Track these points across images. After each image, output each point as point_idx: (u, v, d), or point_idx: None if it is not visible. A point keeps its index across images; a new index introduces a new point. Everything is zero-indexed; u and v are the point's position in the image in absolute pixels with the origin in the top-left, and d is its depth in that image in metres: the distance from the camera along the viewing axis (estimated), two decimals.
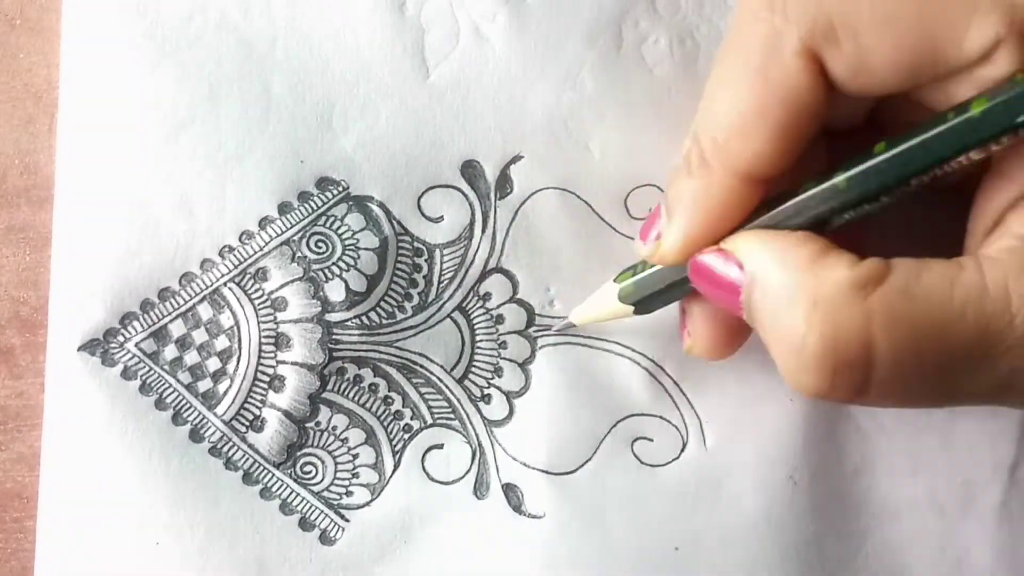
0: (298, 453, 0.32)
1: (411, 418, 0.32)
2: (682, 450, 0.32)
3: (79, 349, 0.31)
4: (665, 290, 0.29)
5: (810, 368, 0.23)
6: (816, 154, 0.27)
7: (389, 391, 0.32)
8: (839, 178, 0.24)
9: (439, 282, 0.33)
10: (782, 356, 0.24)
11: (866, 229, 0.30)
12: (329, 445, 0.32)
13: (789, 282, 0.23)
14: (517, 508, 0.32)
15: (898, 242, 0.30)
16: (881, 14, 0.23)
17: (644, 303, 0.29)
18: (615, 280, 0.30)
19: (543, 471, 0.32)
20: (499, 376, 0.33)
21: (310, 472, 0.32)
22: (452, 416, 0.32)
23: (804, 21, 0.24)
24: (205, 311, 0.32)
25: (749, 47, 0.25)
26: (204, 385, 0.32)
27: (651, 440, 0.32)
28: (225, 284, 0.32)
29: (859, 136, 0.27)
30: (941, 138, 0.23)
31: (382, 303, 0.32)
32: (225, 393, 0.32)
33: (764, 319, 0.24)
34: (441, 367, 0.32)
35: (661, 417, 0.32)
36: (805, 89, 0.24)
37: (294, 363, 0.32)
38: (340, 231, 0.32)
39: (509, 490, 0.32)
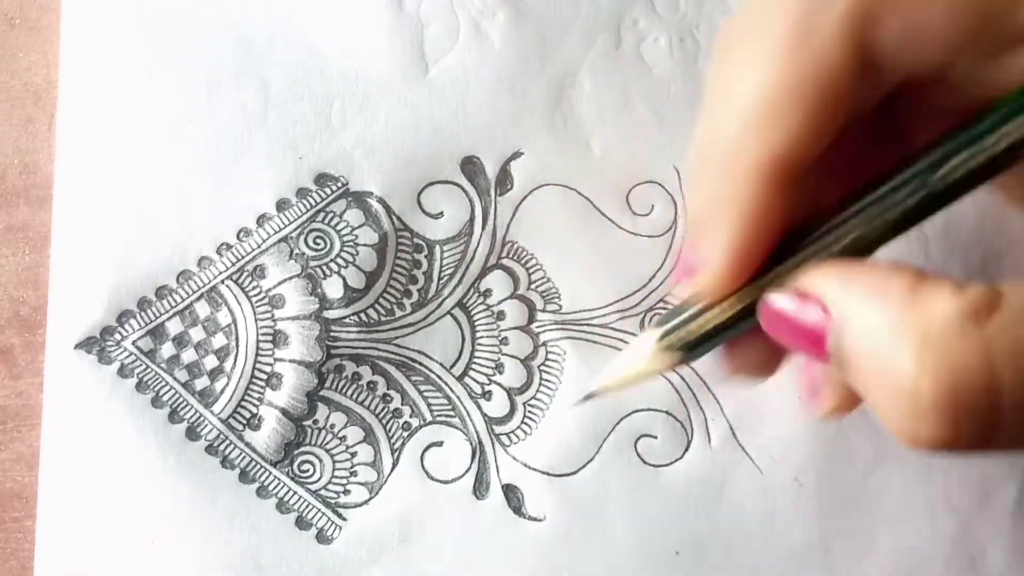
0: (295, 451, 0.31)
1: (410, 416, 0.32)
2: (686, 449, 0.32)
3: (76, 347, 0.31)
4: (718, 330, 0.24)
5: (928, 417, 0.19)
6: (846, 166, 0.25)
7: (388, 389, 0.32)
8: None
9: (439, 278, 0.32)
10: (889, 405, 0.20)
11: None
12: (327, 443, 0.31)
13: (889, 320, 0.20)
14: (517, 510, 0.31)
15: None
16: None
17: (694, 349, 0.24)
18: (652, 328, 0.25)
19: (544, 472, 0.31)
20: (500, 373, 0.32)
21: (307, 470, 0.31)
22: (452, 413, 0.32)
23: None
24: (203, 309, 0.32)
25: (776, 22, 0.22)
26: (201, 383, 0.31)
27: (655, 438, 0.32)
28: (223, 282, 0.32)
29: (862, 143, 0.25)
30: None
31: (381, 300, 0.32)
32: (222, 391, 0.31)
33: (861, 365, 0.21)
34: (440, 364, 0.32)
35: (667, 412, 0.32)
36: (843, 66, 0.21)
37: (292, 360, 0.32)
38: (339, 227, 0.32)
39: (509, 491, 0.31)
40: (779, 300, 0.22)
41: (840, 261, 0.22)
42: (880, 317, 0.20)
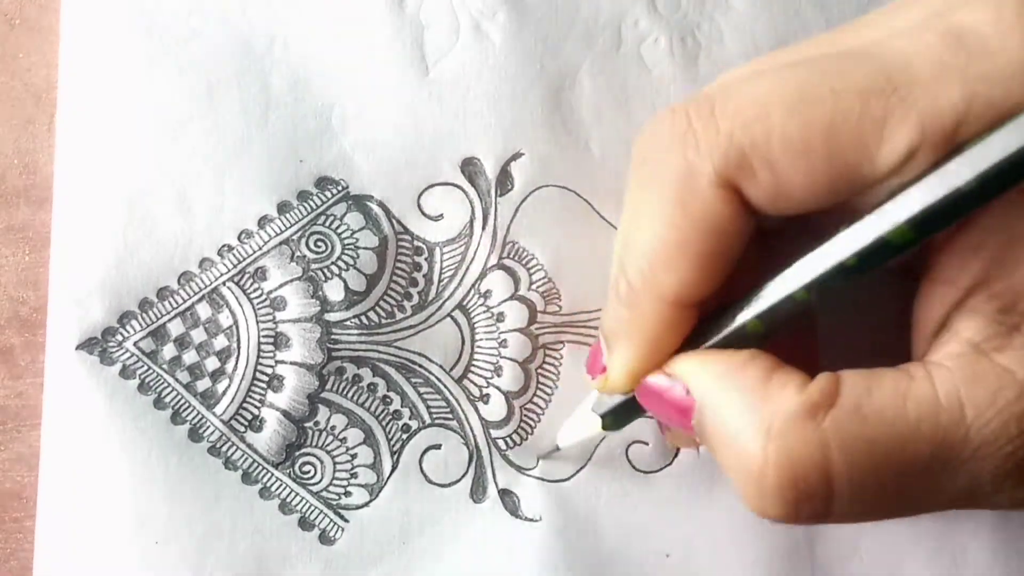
0: (297, 453, 0.32)
1: (409, 418, 0.32)
2: (675, 455, 0.32)
3: (77, 348, 0.31)
4: (628, 409, 0.28)
5: (772, 498, 0.23)
6: (749, 256, 0.27)
7: (388, 391, 0.32)
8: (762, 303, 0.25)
9: (439, 280, 0.33)
10: (741, 483, 0.24)
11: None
12: (328, 445, 0.32)
13: (739, 409, 0.24)
14: (514, 512, 0.32)
15: (855, 319, 0.30)
16: (791, 143, 0.23)
17: (613, 421, 0.29)
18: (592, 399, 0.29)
19: (538, 478, 0.32)
20: (499, 375, 0.32)
21: (309, 472, 0.32)
22: (450, 416, 0.32)
23: (717, 154, 0.23)
24: (204, 310, 0.32)
25: (664, 180, 0.24)
26: (203, 384, 0.32)
27: (646, 444, 0.32)
28: (224, 283, 0.32)
29: (793, 227, 0.27)
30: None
31: (381, 302, 0.32)
32: (224, 392, 0.32)
33: (718, 444, 0.24)
34: (440, 367, 0.32)
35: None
36: (725, 217, 0.24)
37: (293, 363, 0.32)
38: (339, 230, 0.32)
39: (505, 495, 0.32)
40: (652, 379, 0.26)
41: (706, 351, 0.26)
42: (732, 406, 0.24)
